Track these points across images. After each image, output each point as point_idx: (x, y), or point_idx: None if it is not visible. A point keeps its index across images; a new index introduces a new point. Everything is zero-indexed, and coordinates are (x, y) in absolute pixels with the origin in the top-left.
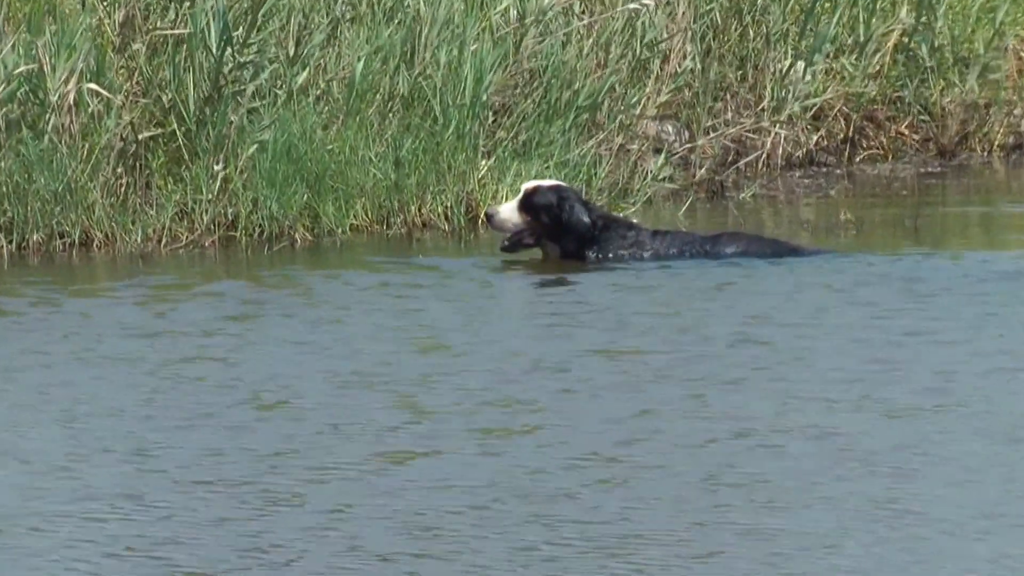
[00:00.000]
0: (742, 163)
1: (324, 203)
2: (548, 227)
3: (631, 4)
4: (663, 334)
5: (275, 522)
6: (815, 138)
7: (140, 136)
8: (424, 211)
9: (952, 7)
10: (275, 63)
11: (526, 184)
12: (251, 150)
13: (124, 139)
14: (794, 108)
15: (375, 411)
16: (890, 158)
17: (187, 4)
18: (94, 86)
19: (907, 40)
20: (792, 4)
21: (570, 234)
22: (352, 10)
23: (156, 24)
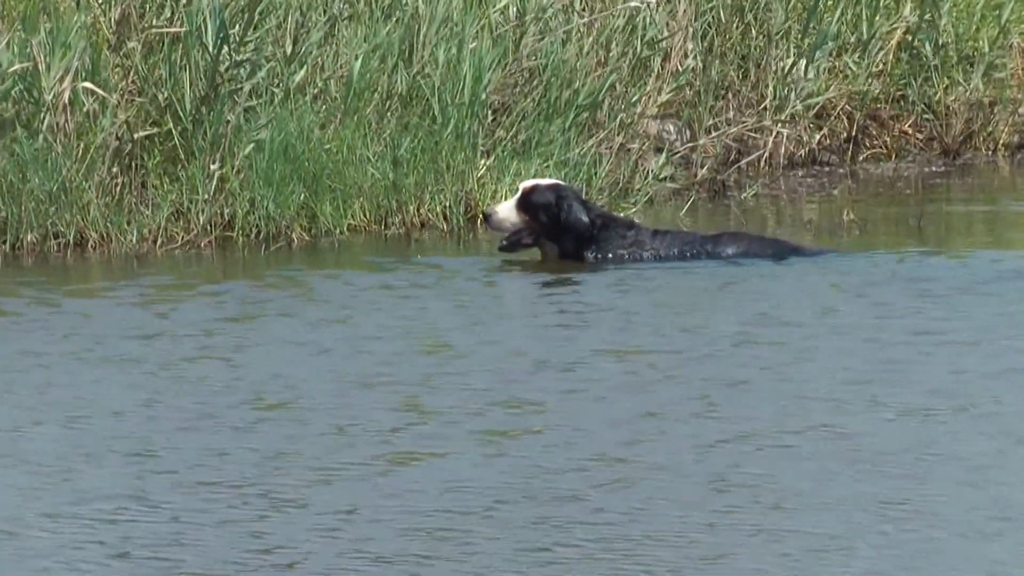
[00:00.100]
0: (744, 162)
1: (322, 203)
2: (546, 226)
3: (632, 2)
4: (668, 334)
5: (279, 523)
6: (818, 137)
7: (136, 135)
8: (423, 211)
9: (956, 5)
10: (272, 61)
11: (524, 183)
12: (248, 149)
13: (119, 138)
14: (796, 107)
15: (379, 412)
16: (894, 157)
17: (183, 2)
18: (89, 85)
19: (911, 38)
20: (795, 1)
21: (568, 233)
22: (350, 8)
23: (152, 22)
